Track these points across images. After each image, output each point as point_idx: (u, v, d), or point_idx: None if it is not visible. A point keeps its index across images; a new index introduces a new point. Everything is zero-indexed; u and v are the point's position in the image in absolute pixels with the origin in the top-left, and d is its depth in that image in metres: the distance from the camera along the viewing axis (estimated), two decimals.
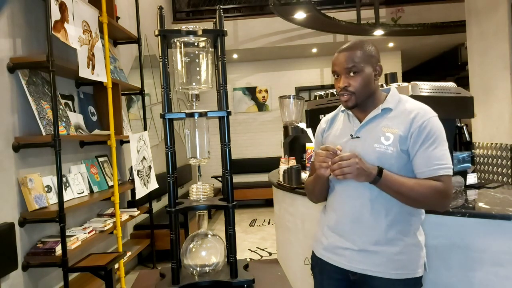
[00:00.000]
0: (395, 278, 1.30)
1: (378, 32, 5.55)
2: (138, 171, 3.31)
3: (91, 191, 2.92)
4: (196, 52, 1.46)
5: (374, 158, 1.28)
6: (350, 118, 1.41)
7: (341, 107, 1.47)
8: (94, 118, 3.15)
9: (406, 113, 1.31)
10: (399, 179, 1.25)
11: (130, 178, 3.52)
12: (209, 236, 1.49)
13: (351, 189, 1.34)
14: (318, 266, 1.47)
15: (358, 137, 1.34)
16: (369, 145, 1.31)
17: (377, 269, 1.31)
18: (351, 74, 1.30)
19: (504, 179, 3.45)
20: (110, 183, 3.17)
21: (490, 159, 3.62)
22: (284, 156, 2.80)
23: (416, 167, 1.28)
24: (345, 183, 1.35)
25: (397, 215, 1.31)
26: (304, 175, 2.52)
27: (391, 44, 6.67)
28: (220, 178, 6.17)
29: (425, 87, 2.03)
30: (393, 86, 1.41)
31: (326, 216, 1.46)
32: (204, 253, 1.47)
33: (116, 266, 2.94)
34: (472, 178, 2.30)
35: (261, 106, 7.41)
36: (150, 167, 3.56)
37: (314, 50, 6.80)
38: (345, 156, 1.22)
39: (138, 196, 3.31)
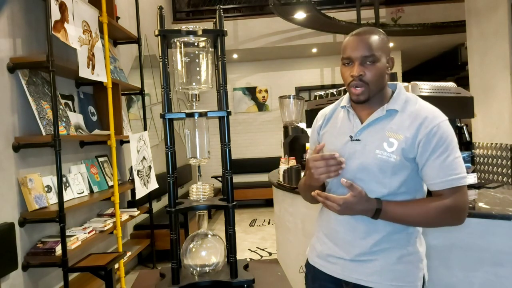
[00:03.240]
0: None
1: None
2: (138, 171, 3.31)
3: (91, 191, 2.92)
4: (196, 52, 1.46)
5: (375, 166, 1.17)
6: (351, 116, 1.26)
7: (341, 102, 1.32)
8: (94, 118, 3.15)
9: (413, 116, 1.17)
10: (399, 211, 1.14)
11: (130, 178, 3.52)
12: (209, 236, 1.49)
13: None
14: (311, 273, 1.38)
15: (358, 140, 1.21)
16: (370, 151, 1.18)
17: (371, 279, 1.20)
18: (368, 63, 1.15)
19: (504, 179, 3.45)
20: (110, 183, 3.17)
21: (490, 159, 3.62)
22: (284, 156, 2.80)
23: (427, 178, 1.16)
24: (342, 189, 1.21)
25: (394, 225, 1.20)
26: None
27: (391, 44, 6.63)
28: (220, 178, 6.16)
29: (425, 87, 2.03)
30: (399, 83, 1.28)
31: (322, 221, 1.36)
32: (204, 253, 1.47)
33: (116, 266, 2.94)
34: (472, 178, 2.30)
35: (261, 106, 7.41)
36: (150, 167, 3.56)
37: (314, 50, 6.80)
38: (337, 199, 1.12)
39: (138, 196, 3.31)
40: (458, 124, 2.51)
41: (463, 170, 1.14)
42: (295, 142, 2.87)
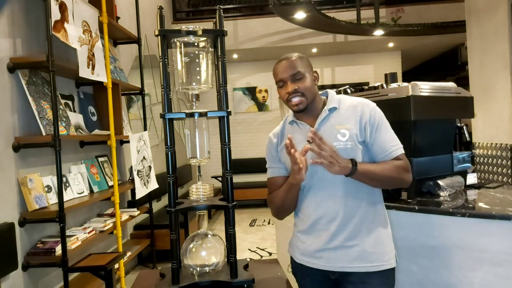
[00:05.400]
0: (371, 271, 1.34)
1: (378, 32, 5.55)
2: (138, 171, 3.31)
3: (91, 191, 2.92)
4: (196, 52, 1.46)
5: None
6: (300, 126, 1.44)
7: (286, 120, 1.51)
8: (94, 118, 3.15)
9: (351, 108, 1.40)
10: (370, 167, 1.33)
11: (130, 178, 3.52)
12: (209, 236, 1.49)
13: (322, 192, 1.37)
14: (300, 271, 1.47)
15: None
16: None
17: (354, 264, 1.34)
18: (297, 79, 1.38)
19: (504, 179, 3.45)
20: (110, 183, 3.17)
21: (490, 159, 3.62)
22: None
23: (375, 154, 1.38)
24: (315, 187, 1.38)
25: (367, 206, 1.37)
26: None
27: (391, 44, 6.67)
28: (220, 178, 6.17)
29: (425, 87, 2.03)
30: (330, 90, 1.52)
31: (300, 222, 1.47)
32: (204, 253, 1.47)
33: (116, 266, 2.94)
34: (472, 178, 2.30)
35: (261, 106, 7.41)
36: (150, 167, 3.56)
37: (314, 50, 6.80)
38: (326, 142, 1.25)
39: (138, 196, 3.31)
40: (458, 124, 2.51)
41: (399, 142, 1.40)
42: None
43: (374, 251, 1.35)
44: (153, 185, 3.59)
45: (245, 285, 1.40)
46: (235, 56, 6.84)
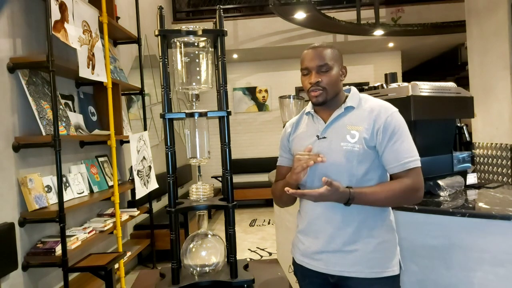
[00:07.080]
0: (371, 277, 1.30)
1: (378, 32, 5.55)
2: (138, 171, 3.31)
3: (91, 191, 2.92)
4: (196, 52, 1.46)
5: (342, 157, 1.30)
6: (315, 119, 1.41)
7: (305, 110, 1.47)
8: (94, 118, 3.15)
9: (369, 110, 1.33)
10: (370, 192, 1.26)
11: (130, 178, 3.52)
12: (209, 236, 1.49)
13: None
14: (299, 271, 1.46)
15: (324, 137, 1.36)
16: (336, 144, 1.32)
17: (353, 269, 1.31)
18: (322, 71, 1.33)
19: (504, 179, 3.45)
20: (110, 183, 3.17)
21: (490, 159, 3.62)
22: None
23: (386, 163, 1.31)
24: (316, 184, 1.34)
25: (368, 212, 1.32)
26: None
27: (391, 44, 6.67)
28: (220, 178, 6.16)
29: (425, 87, 2.03)
30: (353, 87, 1.46)
31: (300, 220, 1.46)
32: (204, 253, 1.47)
33: (116, 266, 2.94)
34: (472, 178, 2.30)
35: (261, 106, 7.41)
36: (150, 167, 3.56)
37: None
38: (313, 193, 1.23)
39: (138, 196, 3.31)
40: (458, 124, 2.51)
41: (416, 154, 1.30)
42: None
43: (374, 257, 1.31)
44: (153, 185, 3.59)
45: (245, 285, 1.40)
46: (235, 56, 6.84)
